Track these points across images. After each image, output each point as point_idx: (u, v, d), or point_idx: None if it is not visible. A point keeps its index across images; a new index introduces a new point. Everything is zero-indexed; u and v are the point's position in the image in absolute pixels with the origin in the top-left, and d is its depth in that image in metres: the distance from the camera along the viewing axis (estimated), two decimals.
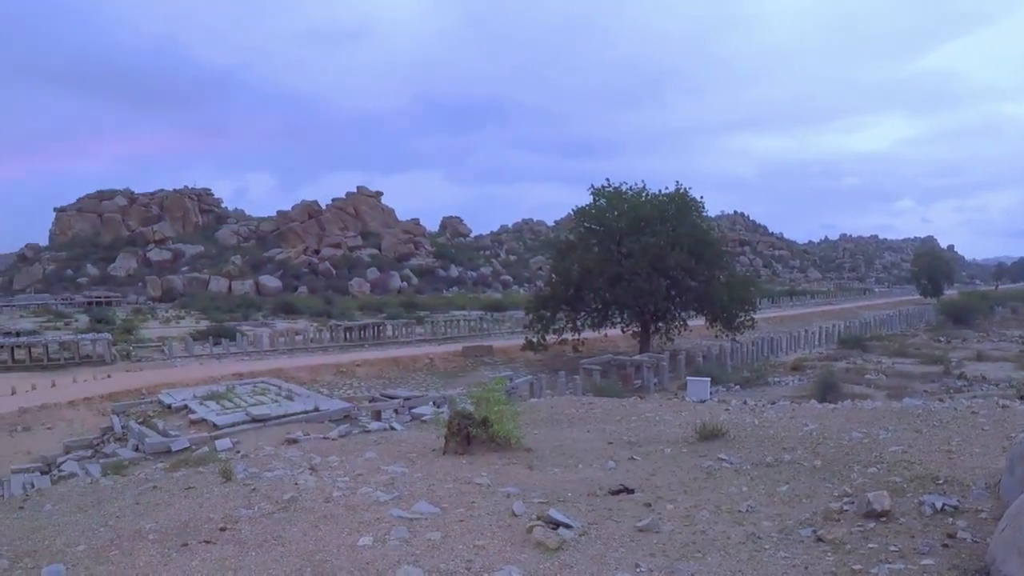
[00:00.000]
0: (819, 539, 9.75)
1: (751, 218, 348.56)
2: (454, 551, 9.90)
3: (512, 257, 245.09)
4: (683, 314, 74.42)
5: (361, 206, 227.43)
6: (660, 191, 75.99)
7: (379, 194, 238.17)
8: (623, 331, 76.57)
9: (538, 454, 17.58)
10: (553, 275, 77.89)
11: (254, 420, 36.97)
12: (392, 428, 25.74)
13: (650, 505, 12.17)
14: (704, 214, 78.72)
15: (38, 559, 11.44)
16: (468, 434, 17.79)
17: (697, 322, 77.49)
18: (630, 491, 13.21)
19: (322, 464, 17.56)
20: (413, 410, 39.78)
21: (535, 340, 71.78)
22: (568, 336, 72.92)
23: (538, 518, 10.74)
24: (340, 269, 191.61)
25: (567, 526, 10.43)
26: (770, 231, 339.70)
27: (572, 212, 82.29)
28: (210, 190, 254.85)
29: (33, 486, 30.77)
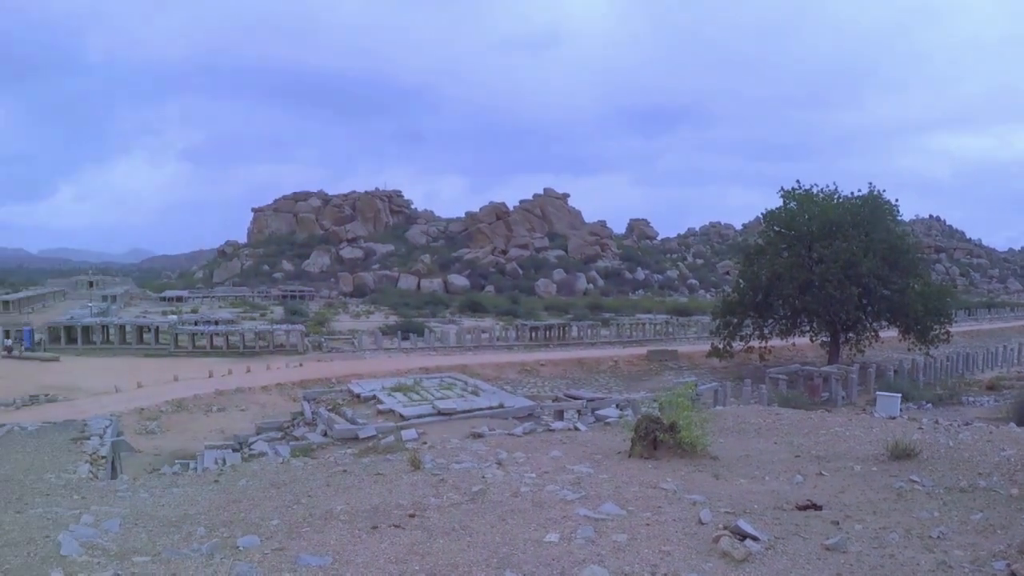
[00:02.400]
0: (1013, 574, 9.36)
1: (947, 223, 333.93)
2: (640, 554, 9.93)
3: (699, 261, 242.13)
4: (874, 324, 71.98)
5: (548, 208, 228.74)
6: (852, 194, 73.89)
7: (566, 196, 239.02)
8: (811, 340, 74.78)
9: (724, 463, 17.45)
10: (741, 280, 76.54)
11: (440, 413, 37.76)
12: (576, 428, 25.86)
13: (838, 523, 11.91)
14: (898, 218, 75.97)
15: (234, 530, 12.08)
16: (655, 439, 17.80)
17: (889, 333, 74.86)
18: (818, 507, 12.99)
19: (508, 460, 17.88)
20: (596, 411, 39.87)
21: (721, 346, 70.75)
22: (755, 343, 71.60)
23: (725, 528, 10.66)
24: (527, 269, 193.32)
25: (754, 538, 10.33)
26: (967, 237, 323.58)
27: (761, 215, 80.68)
28: (400, 192, 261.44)
29: (225, 462, 32.21)
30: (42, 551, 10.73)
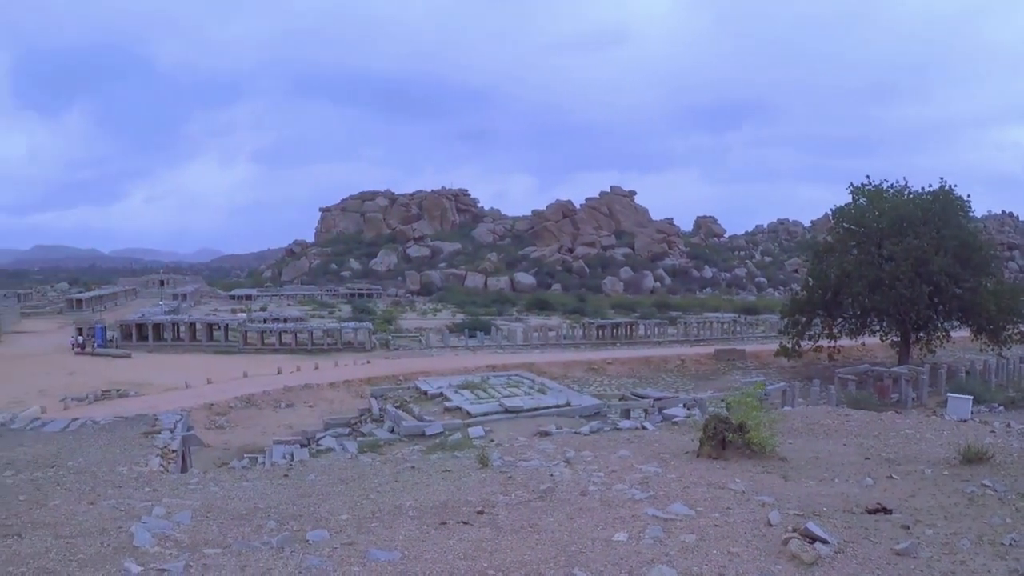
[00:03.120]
0: None
1: (1021, 219, 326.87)
2: (708, 555, 9.87)
3: (767, 259, 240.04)
4: (945, 324, 70.58)
5: (615, 205, 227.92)
6: (923, 189, 72.44)
7: (632, 193, 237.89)
8: (881, 340, 73.61)
9: (793, 464, 17.28)
10: (809, 278, 75.54)
11: (507, 411, 37.88)
12: (643, 427, 25.77)
13: (908, 528, 11.71)
14: (970, 214, 74.21)
15: (303, 523, 12.22)
16: (724, 439, 17.67)
17: (960, 333, 73.41)
18: (888, 511, 12.80)
19: (576, 458, 17.86)
20: (664, 411, 39.66)
21: (789, 346, 69.92)
22: (823, 343, 70.70)
23: (794, 530, 10.57)
24: (593, 268, 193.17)
25: (824, 541, 10.20)
26: None
27: (830, 212, 79.41)
28: (467, 191, 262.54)
29: (293, 457, 32.66)
30: (115, 541, 10.94)
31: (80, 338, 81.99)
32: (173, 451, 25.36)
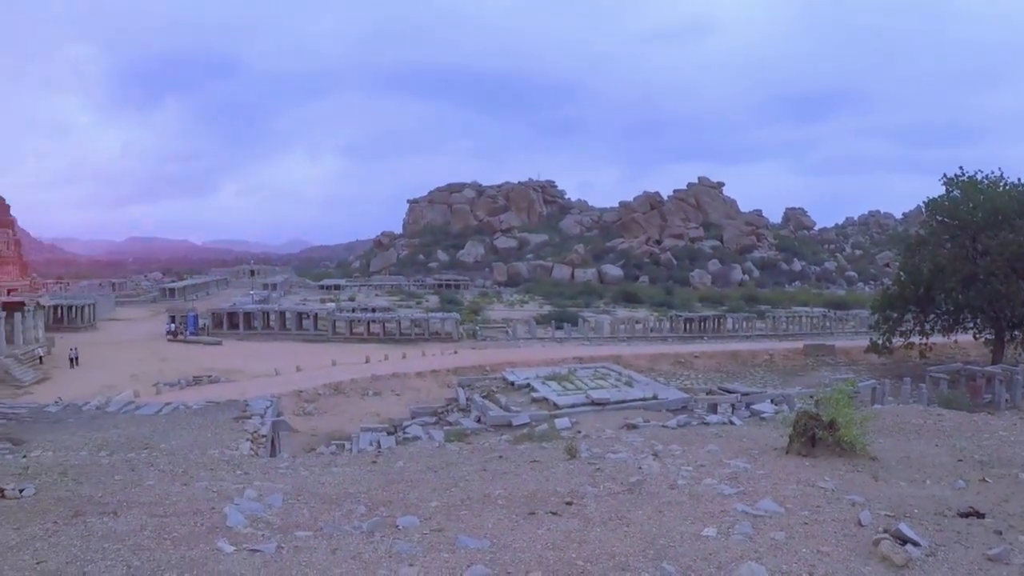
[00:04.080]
0: None
1: None
2: (797, 554, 9.73)
3: (857, 252, 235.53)
4: None
5: (702, 197, 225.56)
6: (1020, 180, 70.53)
7: (720, 185, 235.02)
8: (975, 338, 71.92)
9: (883, 464, 16.96)
10: (901, 273, 74.08)
11: (593, 403, 37.81)
12: (731, 423, 25.61)
13: (1001, 533, 11.37)
14: None
15: (393, 509, 12.36)
16: (813, 436, 17.41)
17: None
18: (980, 515, 12.49)
19: (664, 452, 17.78)
20: (751, 406, 39.35)
21: (880, 342, 68.72)
22: (915, 340, 69.28)
23: (885, 531, 10.39)
24: (681, 260, 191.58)
25: (915, 543, 10.00)
26: None
27: (923, 204, 77.37)
28: (553, 182, 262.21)
29: (379, 444, 33.02)
30: (208, 522, 11.20)
31: (173, 326, 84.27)
32: (263, 436, 25.90)
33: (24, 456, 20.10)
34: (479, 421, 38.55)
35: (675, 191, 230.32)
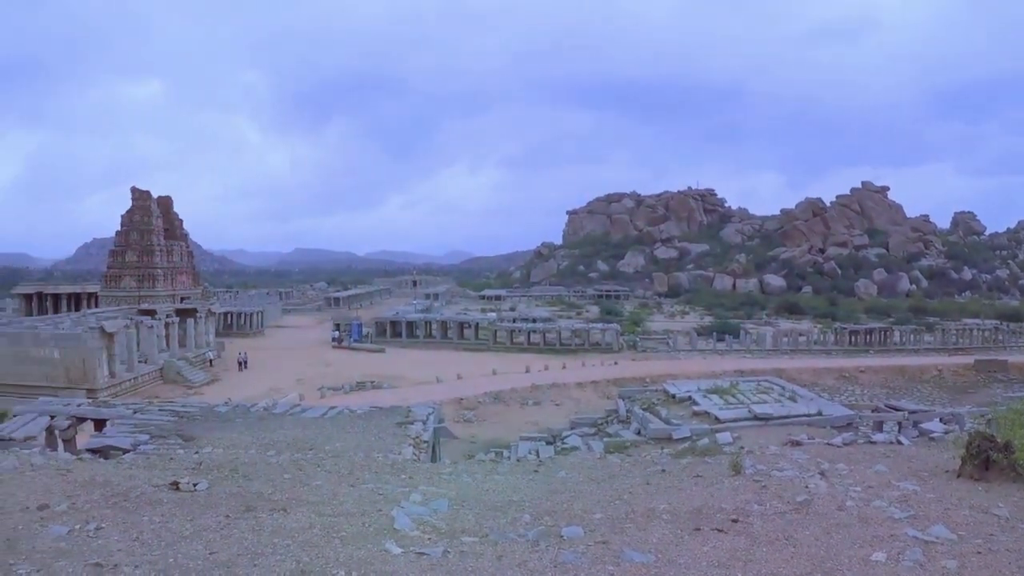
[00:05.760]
0: None
1: None
2: None
3: None
4: None
5: (867, 202, 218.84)
6: None
7: (885, 189, 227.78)
8: None
9: None
10: None
11: (756, 418, 37.17)
12: (898, 442, 24.77)
13: None
14: None
15: (557, 519, 12.37)
16: (987, 458, 16.62)
17: None
18: None
19: (830, 470, 17.30)
20: (919, 425, 38.00)
21: None
22: None
23: None
24: (845, 269, 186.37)
25: None
26: None
27: None
28: (713, 190, 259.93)
29: (538, 454, 33.14)
30: (376, 523, 11.48)
31: (337, 333, 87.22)
32: (425, 441, 26.26)
33: (196, 452, 20.89)
34: (639, 433, 38.31)
35: (838, 197, 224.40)
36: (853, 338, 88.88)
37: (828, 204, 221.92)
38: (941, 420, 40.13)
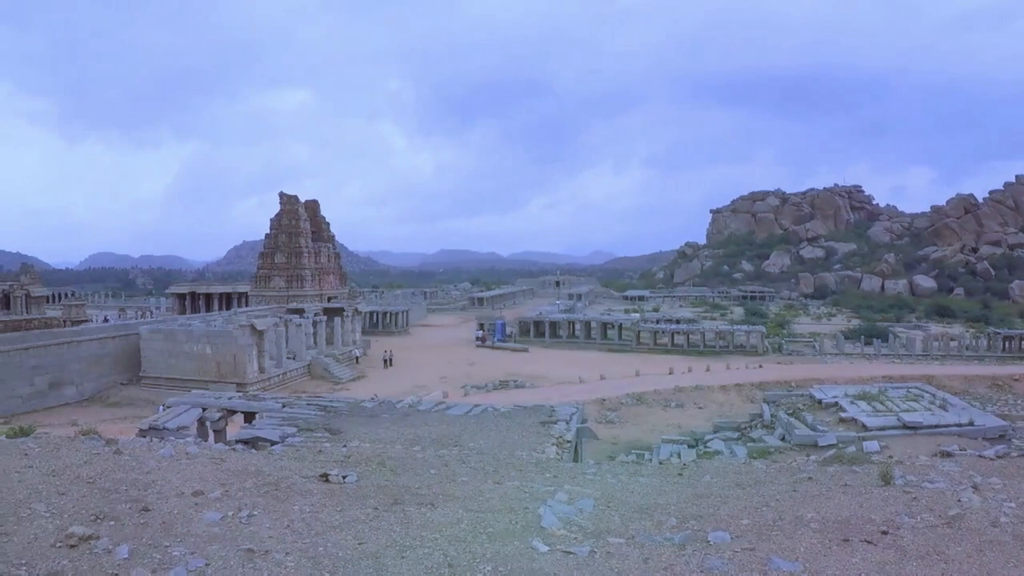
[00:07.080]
0: None
1: None
2: None
3: None
4: None
5: (1021, 197, 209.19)
6: None
7: None
8: None
9: None
10: None
11: (905, 426, 36.30)
12: None
13: None
14: None
15: (703, 524, 12.33)
16: None
17: None
18: None
19: (983, 484, 16.81)
20: None
21: None
22: None
23: None
24: (999, 269, 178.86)
25: None
26: None
27: None
28: (860, 187, 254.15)
29: (680, 456, 33.00)
30: (522, 520, 11.71)
31: (481, 332, 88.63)
32: (568, 441, 26.40)
33: (344, 446, 21.43)
34: (783, 439, 37.82)
35: (991, 192, 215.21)
36: (1007, 344, 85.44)
37: (981, 200, 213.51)
38: None
